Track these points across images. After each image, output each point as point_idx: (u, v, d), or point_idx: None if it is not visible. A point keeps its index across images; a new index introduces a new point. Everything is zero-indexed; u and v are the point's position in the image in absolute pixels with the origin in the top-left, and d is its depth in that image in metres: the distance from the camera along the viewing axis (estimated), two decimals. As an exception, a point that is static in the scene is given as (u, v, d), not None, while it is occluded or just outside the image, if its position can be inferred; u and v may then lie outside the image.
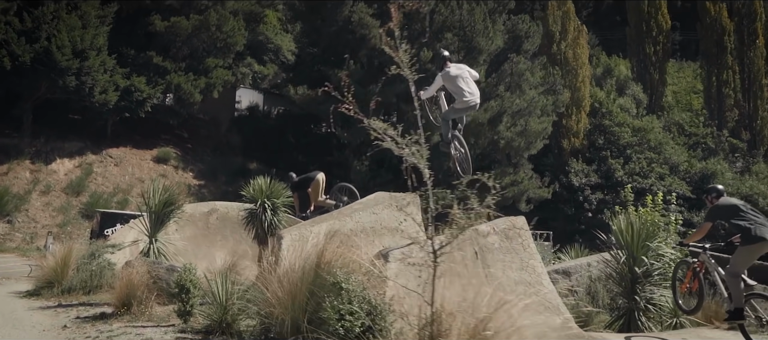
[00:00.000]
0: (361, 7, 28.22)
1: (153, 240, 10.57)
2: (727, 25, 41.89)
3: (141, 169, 27.19)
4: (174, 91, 27.03)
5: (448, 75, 8.14)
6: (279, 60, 39.48)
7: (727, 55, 41.66)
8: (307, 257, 4.97)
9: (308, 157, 32.03)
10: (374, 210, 7.05)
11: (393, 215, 7.15)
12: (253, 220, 13.56)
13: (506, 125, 28.18)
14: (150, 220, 10.72)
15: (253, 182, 13.79)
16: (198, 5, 27.09)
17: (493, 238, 5.36)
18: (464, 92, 8.06)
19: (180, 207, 10.99)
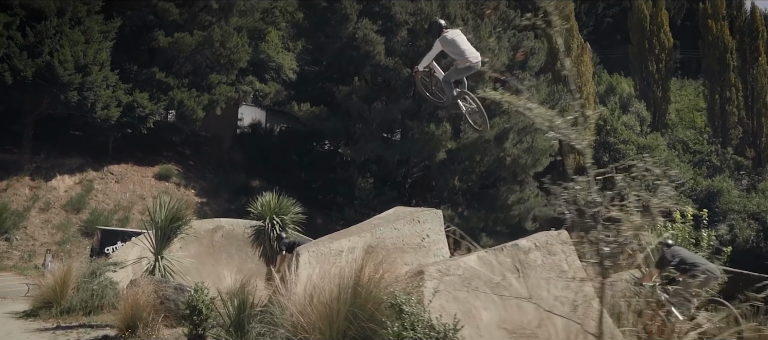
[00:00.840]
0: (365, 24, 28.05)
1: (159, 258, 10.13)
2: (730, 42, 41.93)
3: (142, 186, 26.81)
4: (176, 107, 26.72)
5: (446, 39, 8.18)
6: (280, 78, 39.39)
7: (730, 73, 41.66)
8: (342, 276, 4.55)
9: (311, 174, 31.71)
10: (396, 226, 6.70)
11: (415, 231, 6.80)
12: (260, 237, 13.19)
13: (512, 142, 27.91)
14: (156, 236, 10.28)
15: (261, 197, 13.43)
16: (202, 21, 26.92)
17: (535, 254, 5.02)
18: (466, 52, 8.11)
19: (188, 222, 10.56)
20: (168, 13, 25.34)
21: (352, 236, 6.35)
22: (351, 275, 4.49)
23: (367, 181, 28.66)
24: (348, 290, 4.40)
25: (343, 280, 4.48)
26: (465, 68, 8.21)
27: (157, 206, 10.12)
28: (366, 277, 4.43)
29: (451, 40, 8.23)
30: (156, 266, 10.08)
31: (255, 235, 13.17)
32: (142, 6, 25.79)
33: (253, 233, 13.19)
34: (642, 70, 44.04)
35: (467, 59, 8.09)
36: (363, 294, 4.35)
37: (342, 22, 29.19)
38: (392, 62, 28.93)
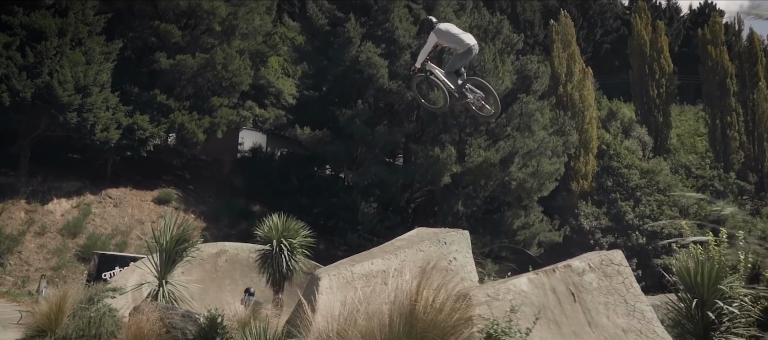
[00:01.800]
0: (368, 47, 27.89)
1: (163, 282, 9.59)
2: (729, 67, 41.96)
3: (141, 210, 26.27)
4: (177, 130, 26.33)
5: (440, 31, 8.47)
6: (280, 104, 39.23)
7: (730, 98, 41.61)
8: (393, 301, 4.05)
9: (312, 200, 31.19)
10: (420, 247, 6.25)
11: (441, 253, 6.36)
12: (267, 262, 12.66)
13: (518, 166, 27.55)
14: (160, 259, 9.74)
15: (268, 220, 12.94)
16: (204, 43, 26.70)
17: (589, 276, 4.56)
18: (462, 37, 8.40)
19: (195, 245, 10.04)
20: (170, 35, 25.11)
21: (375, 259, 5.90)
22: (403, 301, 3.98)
23: (370, 206, 28.20)
24: (401, 319, 3.88)
25: (396, 305, 3.97)
26: (464, 53, 8.44)
27: (163, 227, 9.59)
28: (424, 303, 3.93)
29: (445, 30, 8.53)
30: (160, 291, 9.56)
31: (261, 259, 12.67)
32: (144, 28, 25.58)
33: (259, 257, 12.68)
34: (643, 94, 43.99)
35: (466, 43, 8.32)
36: (421, 324, 3.82)
37: (345, 45, 29.04)
38: (395, 86, 28.72)
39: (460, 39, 8.45)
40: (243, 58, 27.72)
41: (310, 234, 12.69)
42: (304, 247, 12.41)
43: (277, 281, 12.42)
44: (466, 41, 8.39)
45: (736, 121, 41.40)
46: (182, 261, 9.76)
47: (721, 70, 41.84)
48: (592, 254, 5.06)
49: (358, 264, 5.81)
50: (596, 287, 4.44)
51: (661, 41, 43.61)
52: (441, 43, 8.76)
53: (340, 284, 5.62)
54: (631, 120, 43.84)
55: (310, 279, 5.99)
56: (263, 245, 12.58)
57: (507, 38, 30.06)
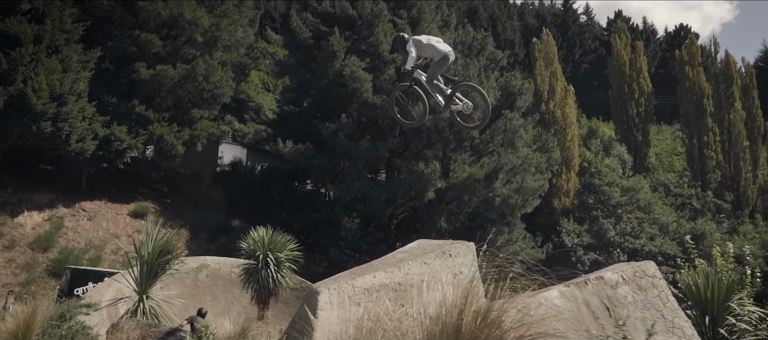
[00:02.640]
0: (353, 61, 27.64)
1: (144, 297, 9.00)
2: (706, 88, 42.66)
3: (116, 224, 25.44)
4: (156, 142, 25.64)
5: (417, 41, 8.66)
6: (260, 118, 38.85)
7: (707, 118, 42.25)
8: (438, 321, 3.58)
9: (293, 215, 30.64)
10: (425, 260, 5.90)
11: (446, 266, 6.01)
12: (252, 277, 12.19)
13: (502, 182, 27.40)
14: (140, 272, 9.15)
15: (253, 233, 12.49)
16: (185, 54, 26.15)
17: (624, 289, 4.25)
18: (437, 45, 8.61)
19: (179, 257, 9.49)
20: (151, 44, 24.54)
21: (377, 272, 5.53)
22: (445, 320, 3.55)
23: (352, 221, 27.74)
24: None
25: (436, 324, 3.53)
26: (441, 60, 8.57)
27: (144, 237, 9.01)
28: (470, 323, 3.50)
29: (421, 40, 8.74)
30: (140, 307, 8.98)
31: (246, 274, 12.19)
32: (123, 37, 24.96)
33: (243, 272, 12.21)
34: (622, 113, 44.53)
35: (441, 50, 8.51)
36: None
37: (329, 59, 28.75)
38: (379, 100, 28.48)
39: (435, 47, 8.62)
40: (225, 70, 27.23)
41: (297, 247, 12.28)
42: (291, 261, 11.99)
43: (263, 296, 11.96)
44: (440, 48, 8.59)
45: (712, 141, 42.00)
46: (165, 274, 9.16)
47: (698, 91, 42.52)
48: (624, 265, 4.77)
49: (360, 278, 5.43)
50: (631, 301, 4.14)
51: (640, 61, 44.28)
52: (420, 55, 8.81)
53: (341, 299, 5.23)
54: (611, 138, 44.32)
55: (308, 294, 5.56)
56: (248, 259, 12.13)
57: (491, 54, 30.10)
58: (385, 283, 5.45)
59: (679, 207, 39.52)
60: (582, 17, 72.76)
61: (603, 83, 55.19)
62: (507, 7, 72.38)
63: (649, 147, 44.63)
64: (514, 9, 72.94)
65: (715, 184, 41.64)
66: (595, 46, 67.63)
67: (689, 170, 43.22)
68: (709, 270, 7.71)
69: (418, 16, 31.82)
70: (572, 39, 65.94)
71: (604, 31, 70.19)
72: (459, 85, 8.96)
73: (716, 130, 42.22)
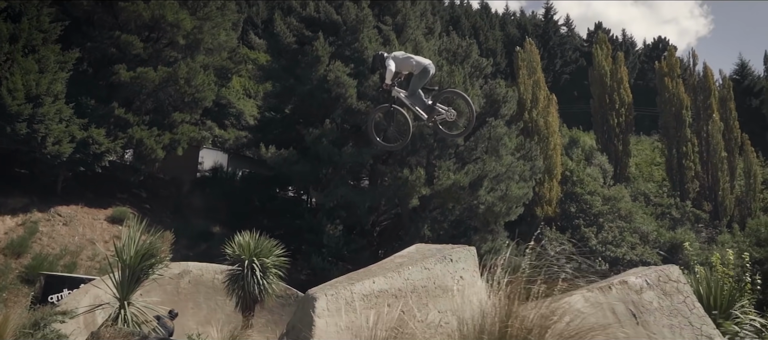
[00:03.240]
0: (338, 66, 27.41)
1: (125, 304, 8.57)
2: (685, 100, 43.29)
3: (93, 229, 24.76)
4: (135, 146, 25.04)
5: (396, 57, 8.76)
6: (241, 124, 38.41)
7: (686, 129, 42.87)
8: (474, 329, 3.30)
9: (274, 221, 30.18)
10: (426, 265, 5.68)
11: (447, 271, 5.79)
12: (237, 283, 11.83)
13: (486, 189, 27.32)
14: (122, 277, 8.72)
15: (238, 237, 12.14)
16: (167, 57, 25.64)
17: (649, 294, 4.06)
18: (416, 59, 8.80)
19: (164, 261, 9.09)
20: (131, 46, 24.00)
21: (376, 278, 5.29)
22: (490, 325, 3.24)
23: (336, 228, 27.42)
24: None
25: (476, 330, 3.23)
26: (421, 72, 8.63)
27: (126, 240, 8.59)
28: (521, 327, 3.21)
29: (395, 56, 8.83)
30: (120, 314, 8.54)
31: (230, 281, 11.83)
32: (103, 38, 24.38)
33: (228, 278, 11.85)
34: (603, 123, 44.95)
35: (421, 63, 8.63)
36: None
37: (313, 64, 28.49)
38: (364, 106, 28.27)
39: (414, 61, 8.74)
40: (207, 74, 26.78)
41: (284, 253, 11.96)
42: (277, 267, 11.65)
43: (248, 303, 11.60)
44: (420, 61, 8.71)
45: (691, 152, 42.62)
46: (148, 280, 8.75)
47: (677, 102, 43.15)
48: (647, 269, 4.61)
49: (358, 283, 5.19)
50: (657, 307, 3.95)
51: (621, 72, 44.80)
52: (398, 70, 8.83)
53: (339, 305, 4.97)
54: (592, 148, 44.71)
55: (303, 300, 5.27)
56: (232, 264, 11.78)
57: (476, 62, 30.11)
58: (384, 289, 5.21)
59: (659, 216, 39.93)
60: (563, 28, 73.63)
61: (583, 94, 55.80)
62: (489, 17, 72.95)
63: (630, 157, 45.12)
64: (496, 19, 73.53)
65: (694, 194, 42.21)
66: (576, 57, 68.42)
67: (668, 179, 43.77)
68: (711, 277, 7.60)
69: (402, 22, 31.77)
70: (553, 50, 66.58)
71: (585, 43, 71.10)
72: (442, 93, 9.05)
73: (695, 141, 42.86)
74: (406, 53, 9.22)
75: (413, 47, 28.54)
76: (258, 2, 59.71)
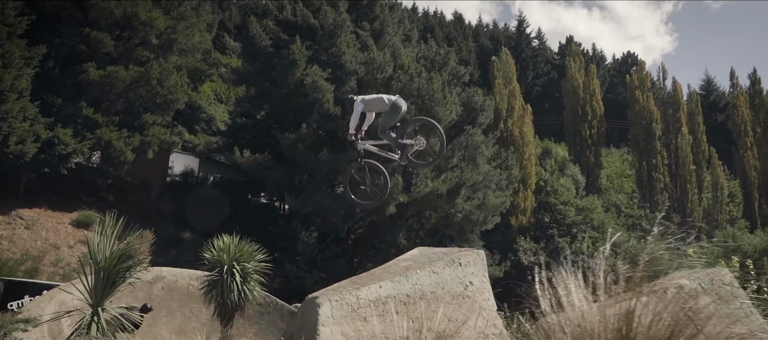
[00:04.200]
0: (315, 70, 26.95)
1: (99, 310, 7.89)
2: (655, 113, 44.04)
3: (57, 233, 23.68)
4: (103, 147, 24.07)
5: (364, 100, 8.65)
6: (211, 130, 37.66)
7: (656, 142, 43.57)
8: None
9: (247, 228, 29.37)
10: (433, 269, 5.32)
11: (456, 276, 5.43)
12: (215, 290, 11.21)
13: (464, 198, 27.13)
14: (96, 281, 8.04)
15: (216, 241, 11.54)
16: (138, 56, 24.78)
17: (704, 299, 3.75)
18: (384, 97, 8.72)
19: (142, 263, 8.46)
20: (102, 44, 23.11)
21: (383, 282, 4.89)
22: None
23: (311, 235, 26.86)
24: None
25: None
26: (391, 108, 8.43)
27: (101, 239, 7.91)
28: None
29: (364, 98, 8.69)
30: (93, 323, 7.83)
31: (208, 287, 11.21)
32: (72, 34, 23.43)
33: (206, 284, 11.23)
34: (576, 135, 45.40)
35: (390, 100, 8.46)
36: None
37: (290, 67, 27.98)
38: (340, 111, 27.89)
39: (382, 99, 8.64)
40: (180, 75, 26.00)
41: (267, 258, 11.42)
42: (260, 273, 11.10)
43: (227, 311, 10.99)
44: (390, 98, 8.58)
45: (660, 164, 43.30)
46: (124, 284, 8.11)
47: (648, 115, 43.87)
48: (697, 272, 4.31)
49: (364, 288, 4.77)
50: (714, 313, 3.64)
51: (594, 84, 45.36)
52: (368, 111, 8.80)
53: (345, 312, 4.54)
54: (565, 159, 45.08)
55: (305, 306, 4.81)
56: (210, 270, 11.16)
57: (454, 70, 30.02)
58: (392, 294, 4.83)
59: (630, 228, 40.32)
60: (534, 41, 74.58)
61: (554, 106, 56.48)
62: (463, 28, 73.43)
63: (601, 168, 45.63)
64: (470, 30, 74.07)
65: (663, 206, 42.83)
66: (547, 69, 69.32)
67: (638, 191, 44.36)
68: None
69: (380, 28, 31.56)
70: (525, 62, 67.28)
71: (556, 56, 72.12)
72: (408, 125, 8.91)
73: (664, 154, 43.57)
74: (377, 94, 9.09)
75: (391, 53, 28.35)
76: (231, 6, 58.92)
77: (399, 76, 26.52)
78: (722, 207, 41.89)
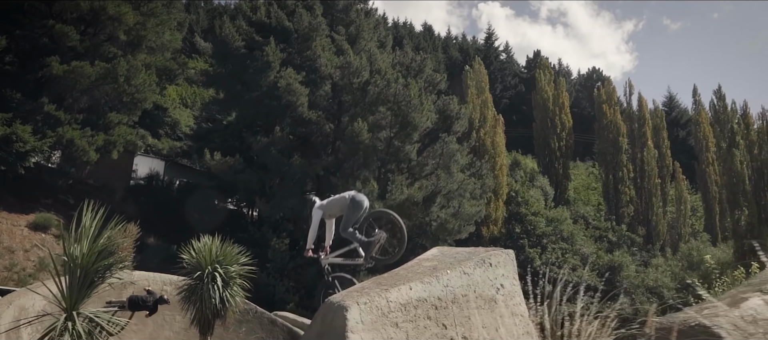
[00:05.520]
0: (289, 73, 26.32)
1: (74, 315, 6.96)
2: (621, 127, 44.78)
3: (12, 236, 22.27)
4: (65, 146, 22.84)
5: (322, 205, 8.39)
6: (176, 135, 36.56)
7: (622, 155, 44.27)
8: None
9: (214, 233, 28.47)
10: (465, 269, 4.85)
11: (487, 278, 4.98)
12: (194, 295, 10.42)
13: (439, 205, 26.81)
14: (71, 281, 7.08)
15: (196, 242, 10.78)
16: (105, 52, 23.67)
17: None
18: (345, 195, 8.36)
19: (126, 261, 7.54)
20: (67, 37, 21.94)
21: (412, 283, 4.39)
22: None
23: (282, 242, 26.09)
24: None
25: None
26: (351, 203, 8.18)
27: (80, 230, 6.91)
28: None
29: (321, 204, 8.42)
30: (68, 329, 6.88)
31: (187, 293, 10.43)
32: (35, 26, 22.21)
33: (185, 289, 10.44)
34: (545, 147, 45.78)
35: (348, 197, 8.19)
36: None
37: (263, 69, 27.26)
38: (315, 115, 27.31)
39: (343, 198, 8.34)
40: (149, 74, 24.98)
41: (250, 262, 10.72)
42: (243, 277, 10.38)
43: (207, 319, 10.22)
44: (349, 195, 8.31)
45: (626, 177, 43.99)
46: (103, 285, 7.20)
47: (615, 129, 44.57)
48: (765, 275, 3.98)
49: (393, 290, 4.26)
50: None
51: (563, 97, 45.87)
52: (329, 217, 8.60)
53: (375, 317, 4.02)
54: (534, 170, 45.39)
55: (326, 311, 4.21)
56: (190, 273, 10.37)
57: (429, 77, 29.79)
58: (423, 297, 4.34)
59: (597, 239, 40.79)
60: (502, 55, 75.43)
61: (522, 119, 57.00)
62: (432, 39, 73.75)
63: (569, 180, 46.09)
64: (439, 42, 74.47)
65: (628, 218, 43.53)
66: (515, 82, 70.11)
67: (605, 204, 44.94)
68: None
69: (356, 33, 31.19)
70: (494, 74, 67.83)
71: (523, 69, 73.06)
72: (367, 221, 8.53)
73: (630, 167, 44.30)
74: (335, 195, 8.69)
75: (368, 58, 27.93)
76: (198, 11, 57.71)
77: (376, 81, 26.10)
78: (685, 220, 42.77)
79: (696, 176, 47.95)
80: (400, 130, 26.30)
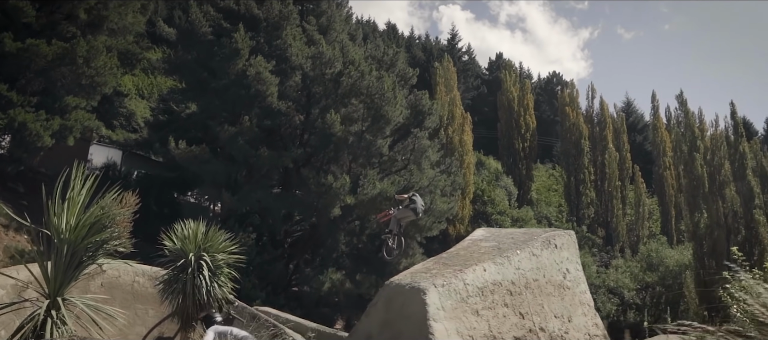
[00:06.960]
0: (259, 61, 25.34)
1: (60, 302, 5.98)
2: (584, 130, 45.41)
3: (-45, 226, 20.57)
4: (16, 130, 21.23)
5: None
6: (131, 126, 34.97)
7: (584, 157, 44.90)
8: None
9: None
10: (533, 250, 4.32)
11: (554, 261, 4.47)
12: (176, 286, 9.54)
13: (412, 201, 26.25)
14: (56, 262, 6.12)
15: (179, 228, 9.91)
16: (63, 31, 22.13)
17: None
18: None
19: (123, 236, 6.63)
20: (22, 13, 20.36)
21: (485, 264, 3.80)
22: None
23: (249, 236, 25.04)
24: None
25: None
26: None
27: (68, 199, 5.92)
28: None
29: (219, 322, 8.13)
30: (49, 321, 5.77)
31: (168, 283, 9.54)
32: (-14, -1, 20.60)
33: (166, 278, 9.56)
34: (509, 147, 46.01)
35: (246, 311, 8.46)
36: None
37: (231, 57, 26.16)
38: (284, 106, 26.42)
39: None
40: (110, 56, 23.54)
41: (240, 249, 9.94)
42: (231, 266, 9.60)
43: (189, 312, 9.36)
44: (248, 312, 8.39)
45: (588, 180, 44.62)
46: (92, 265, 6.30)
47: (577, 131, 45.15)
48: None
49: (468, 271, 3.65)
50: None
51: (528, 99, 46.20)
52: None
53: (455, 302, 3.41)
54: (498, 171, 45.56)
55: (396, 295, 3.51)
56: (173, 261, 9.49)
57: (402, 71, 29.31)
58: (498, 280, 3.80)
59: (560, 239, 41.28)
60: (465, 56, 75.70)
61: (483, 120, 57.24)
62: (396, 38, 73.32)
63: (532, 181, 46.45)
64: (403, 41, 74.11)
65: (589, 220, 44.17)
66: (477, 84, 70.45)
67: (566, 205, 45.49)
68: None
69: (327, 24, 30.47)
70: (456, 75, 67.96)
71: (485, 71, 73.53)
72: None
73: (591, 170, 44.96)
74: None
75: (340, 48, 27.22)
76: (157, 0, 55.55)
77: (350, 72, 25.39)
78: (643, 223, 43.69)
79: (652, 180, 49.16)
80: (373, 123, 25.68)
